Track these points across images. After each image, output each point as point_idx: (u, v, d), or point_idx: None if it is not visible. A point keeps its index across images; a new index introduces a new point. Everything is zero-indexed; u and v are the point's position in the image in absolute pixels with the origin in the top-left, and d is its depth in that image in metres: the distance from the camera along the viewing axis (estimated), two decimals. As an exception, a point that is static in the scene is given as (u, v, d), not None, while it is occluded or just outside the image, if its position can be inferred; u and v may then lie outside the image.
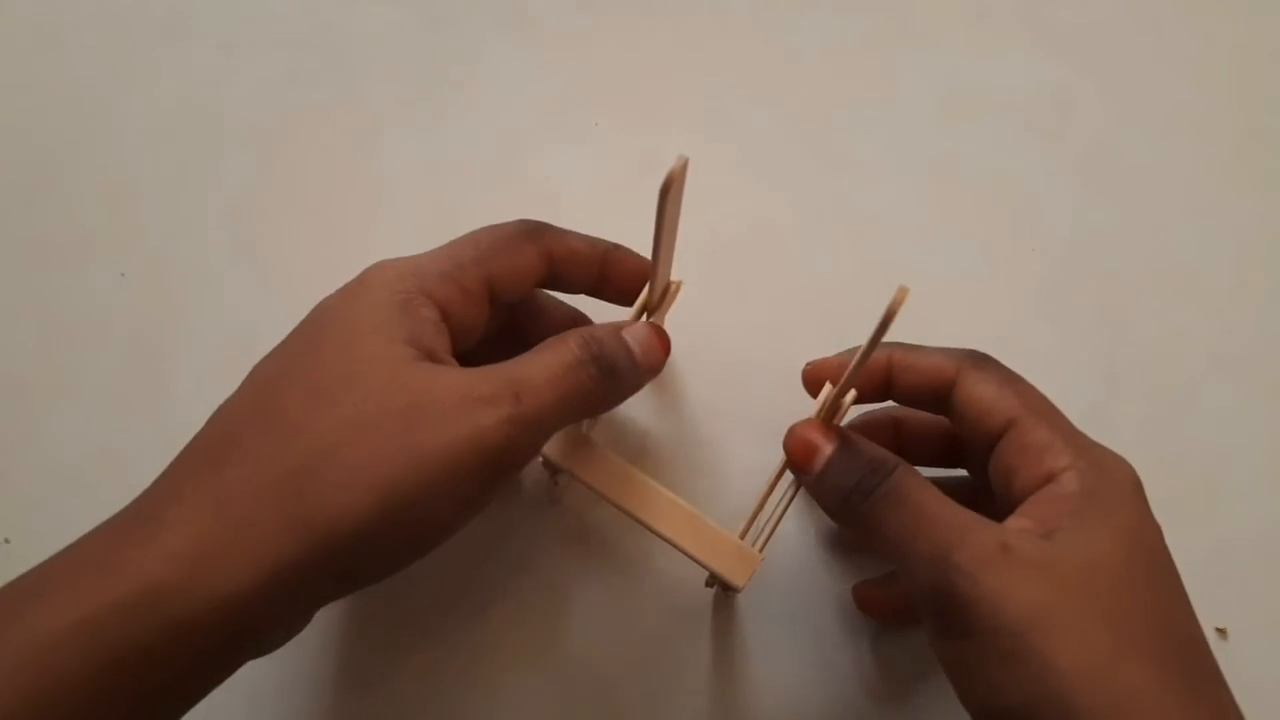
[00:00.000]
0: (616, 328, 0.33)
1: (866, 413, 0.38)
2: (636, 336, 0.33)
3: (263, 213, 0.44)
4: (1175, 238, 0.45)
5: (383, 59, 0.46)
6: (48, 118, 0.45)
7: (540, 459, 0.34)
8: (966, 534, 0.28)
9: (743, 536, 0.34)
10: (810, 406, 0.35)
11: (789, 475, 0.34)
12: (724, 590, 0.36)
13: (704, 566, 0.33)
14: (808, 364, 0.36)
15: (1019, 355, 0.34)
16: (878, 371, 0.34)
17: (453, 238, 0.43)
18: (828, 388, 0.35)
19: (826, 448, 0.32)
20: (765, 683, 0.38)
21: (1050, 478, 0.30)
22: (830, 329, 0.36)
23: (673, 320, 0.39)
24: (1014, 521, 0.30)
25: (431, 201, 0.44)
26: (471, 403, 0.29)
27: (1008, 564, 0.28)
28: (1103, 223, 0.45)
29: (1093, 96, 0.46)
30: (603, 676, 0.38)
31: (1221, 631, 0.39)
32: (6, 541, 0.39)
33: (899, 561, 0.30)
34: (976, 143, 0.46)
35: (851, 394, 0.34)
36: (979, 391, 0.32)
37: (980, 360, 0.33)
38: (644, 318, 0.36)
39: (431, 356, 0.30)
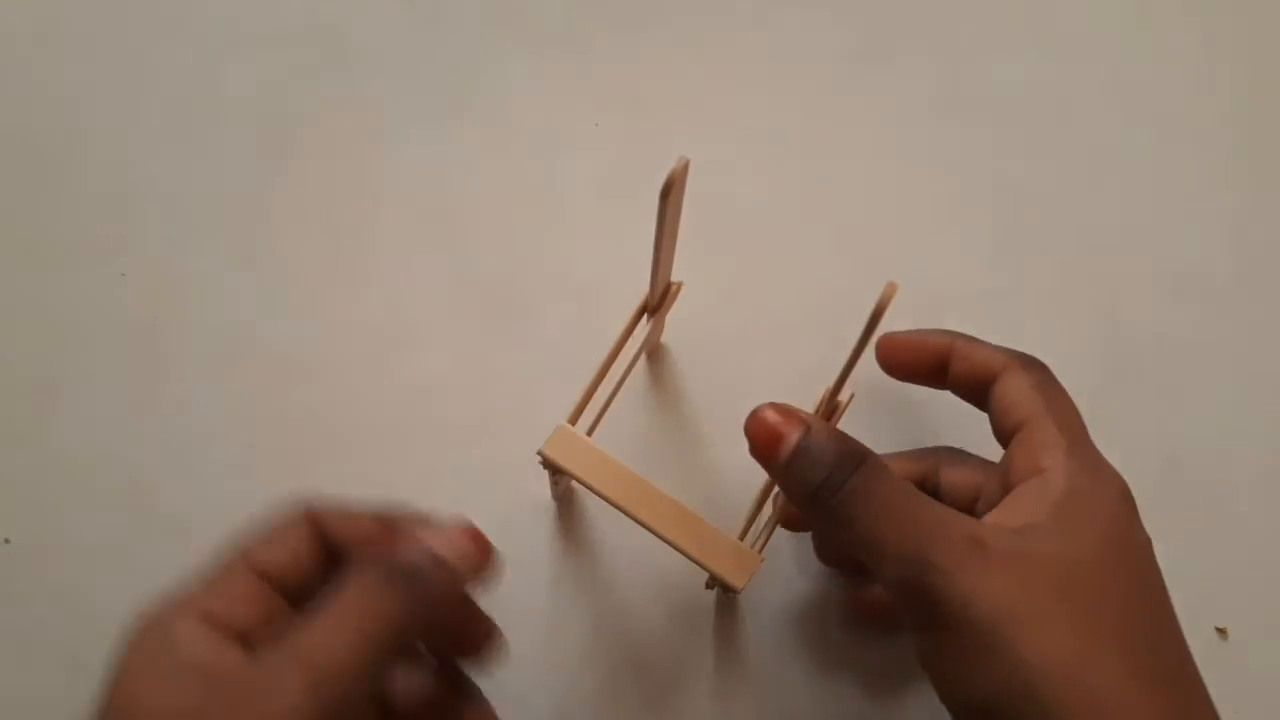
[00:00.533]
0: (414, 536, 0.29)
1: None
2: (439, 536, 0.29)
3: (263, 213, 0.44)
4: (1175, 238, 0.45)
5: (383, 59, 0.46)
6: (48, 118, 0.45)
7: (540, 459, 0.34)
8: (939, 531, 0.28)
9: (742, 537, 0.34)
10: (809, 406, 0.35)
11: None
12: (724, 592, 0.36)
13: (703, 568, 0.33)
14: (883, 336, 0.33)
15: (1019, 356, 0.34)
16: (938, 354, 0.35)
17: (451, 235, 0.43)
18: (823, 388, 0.35)
19: (792, 435, 0.30)
20: (765, 683, 0.38)
21: (1039, 474, 0.30)
22: (830, 329, 0.36)
23: (672, 320, 0.39)
24: (990, 516, 0.30)
25: (431, 201, 0.44)
26: (262, 693, 0.25)
27: (980, 559, 0.28)
28: (1103, 222, 0.45)
29: (1093, 96, 0.46)
30: (603, 677, 0.38)
31: (1221, 631, 0.39)
32: (6, 541, 0.39)
33: (870, 557, 0.29)
34: (976, 143, 0.45)
35: (849, 393, 0.34)
36: (1011, 385, 0.32)
37: (1028, 363, 0.33)
38: (645, 319, 0.36)
39: (206, 672, 0.26)
